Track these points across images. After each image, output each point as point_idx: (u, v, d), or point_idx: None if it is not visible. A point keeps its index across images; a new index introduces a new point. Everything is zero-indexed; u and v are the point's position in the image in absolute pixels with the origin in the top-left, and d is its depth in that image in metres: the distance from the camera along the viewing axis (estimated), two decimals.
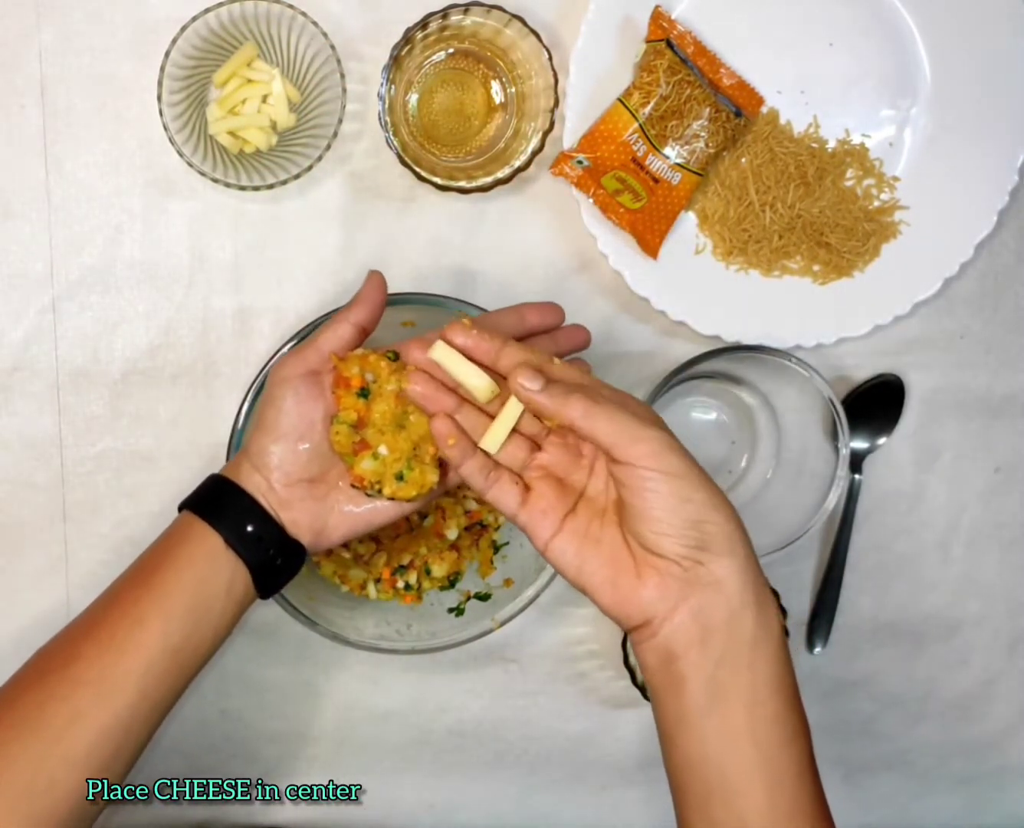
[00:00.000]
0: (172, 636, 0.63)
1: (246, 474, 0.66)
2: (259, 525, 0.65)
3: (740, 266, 0.82)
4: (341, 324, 0.66)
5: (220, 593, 0.64)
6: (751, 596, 0.59)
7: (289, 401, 0.65)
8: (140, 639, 0.63)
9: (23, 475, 0.81)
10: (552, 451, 0.62)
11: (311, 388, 0.65)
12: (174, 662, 0.64)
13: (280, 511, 0.65)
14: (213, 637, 0.65)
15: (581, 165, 0.78)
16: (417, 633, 0.78)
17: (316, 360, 0.65)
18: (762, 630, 0.59)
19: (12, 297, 0.80)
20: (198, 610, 0.64)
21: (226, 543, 0.64)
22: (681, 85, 0.77)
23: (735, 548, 0.59)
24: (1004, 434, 0.89)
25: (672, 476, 0.58)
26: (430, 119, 0.79)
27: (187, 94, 0.76)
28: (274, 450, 0.65)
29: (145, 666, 0.62)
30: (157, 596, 0.64)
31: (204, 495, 0.67)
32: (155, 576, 0.65)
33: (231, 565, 0.64)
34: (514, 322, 0.67)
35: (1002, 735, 0.92)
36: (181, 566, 0.64)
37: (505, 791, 0.89)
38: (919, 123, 0.82)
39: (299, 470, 0.65)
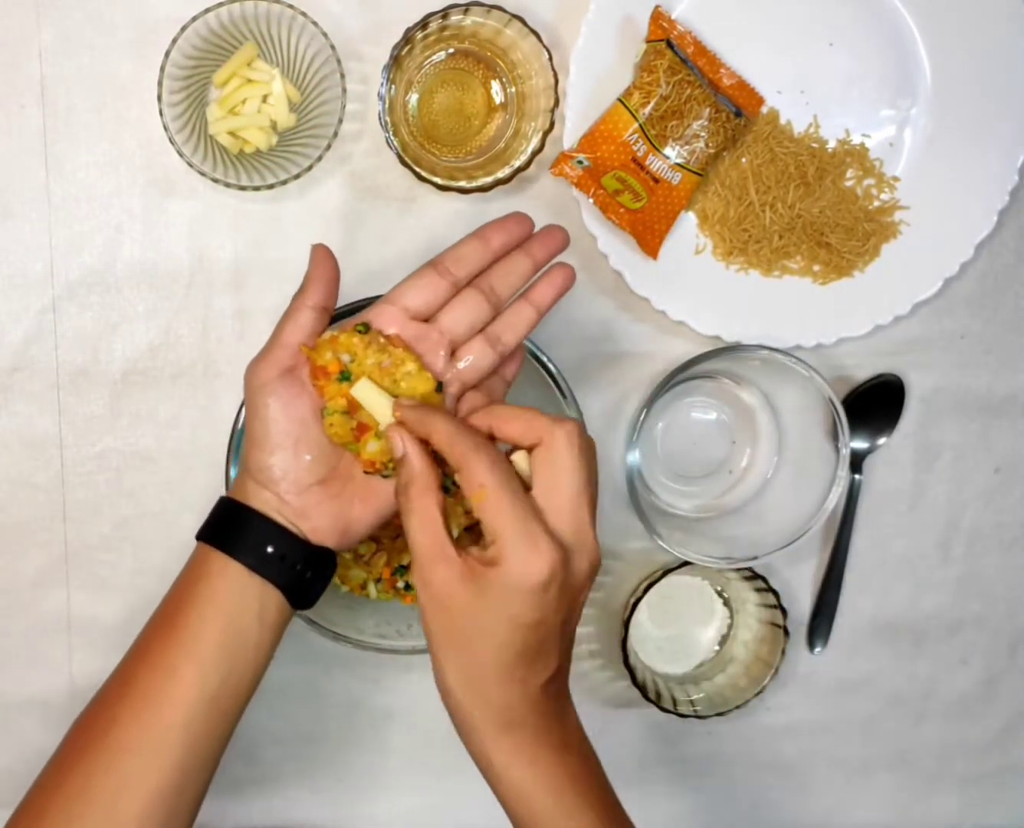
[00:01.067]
0: (209, 682, 0.60)
1: (253, 493, 0.61)
2: (279, 544, 0.61)
3: (740, 266, 0.82)
4: (300, 311, 0.61)
5: (252, 625, 0.61)
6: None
7: (273, 408, 0.60)
8: (175, 692, 0.59)
9: (23, 475, 0.81)
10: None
11: (291, 387, 0.61)
12: (215, 708, 0.60)
13: (299, 521, 0.61)
14: (253, 672, 0.62)
15: (581, 165, 0.78)
16: (418, 633, 0.78)
17: (286, 357, 0.61)
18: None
19: (12, 297, 0.80)
20: (231, 648, 0.61)
21: (249, 570, 0.60)
22: (681, 85, 0.77)
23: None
24: (1004, 434, 0.89)
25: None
26: (430, 119, 0.79)
27: (187, 94, 0.76)
28: (274, 463, 0.61)
29: (185, 719, 0.59)
30: (185, 642, 0.60)
31: (217, 523, 0.63)
32: (180, 621, 0.61)
33: (259, 591, 0.61)
34: (480, 253, 0.63)
35: (1003, 735, 0.92)
36: (205, 605, 0.61)
37: None
38: (919, 123, 0.82)
39: (306, 475, 0.61)
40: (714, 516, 0.87)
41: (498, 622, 0.56)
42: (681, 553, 0.81)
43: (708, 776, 0.90)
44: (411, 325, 0.62)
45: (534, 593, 0.56)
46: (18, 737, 0.84)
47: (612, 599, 0.87)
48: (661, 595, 0.87)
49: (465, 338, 0.63)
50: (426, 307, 0.62)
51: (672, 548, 0.81)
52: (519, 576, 0.55)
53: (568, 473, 0.57)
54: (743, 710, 0.85)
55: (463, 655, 0.58)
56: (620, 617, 0.85)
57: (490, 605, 0.56)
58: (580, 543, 0.58)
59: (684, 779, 0.89)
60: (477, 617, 0.56)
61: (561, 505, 0.57)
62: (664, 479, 0.87)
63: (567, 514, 0.57)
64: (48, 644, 0.83)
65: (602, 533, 0.85)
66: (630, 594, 0.86)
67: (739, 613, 0.89)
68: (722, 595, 0.89)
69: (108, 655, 0.83)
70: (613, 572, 0.87)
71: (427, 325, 0.62)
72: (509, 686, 0.58)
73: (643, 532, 0.81)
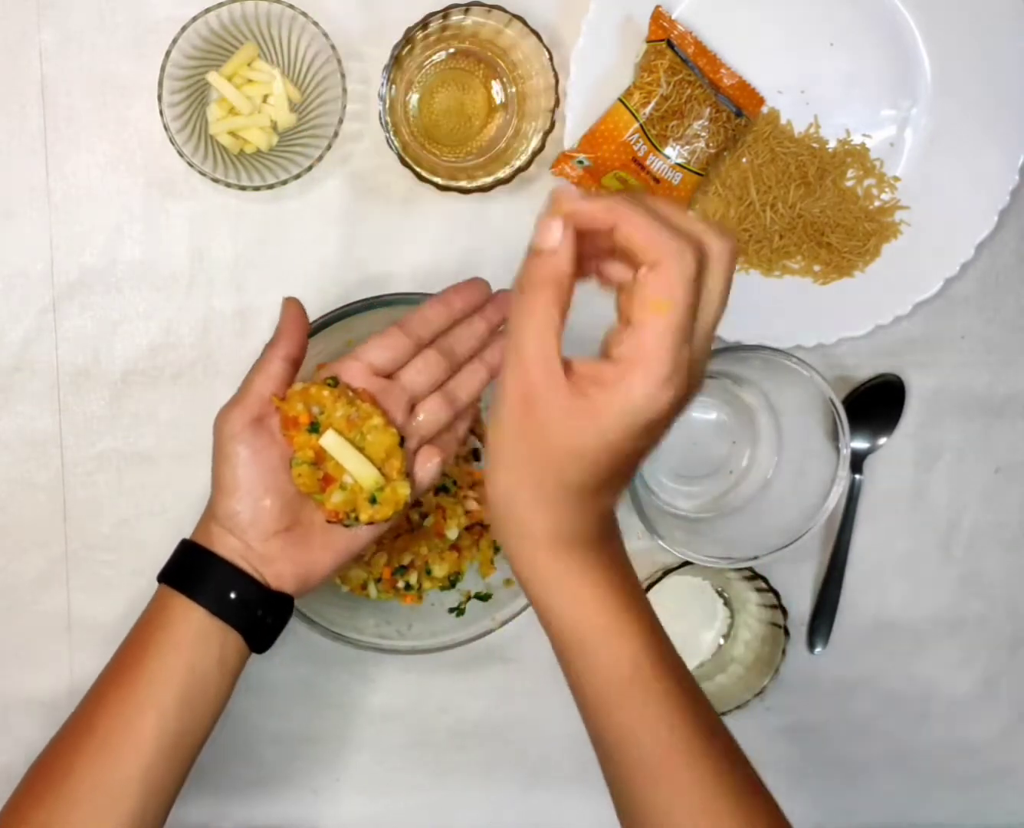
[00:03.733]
0: (168, 731, 0.61)
1: (219, 538, 0.63)
2: (242, 590, 0.62)
3: (741, 266, 0.82)
4: (272, 362, 0.64)
5: (212, 670, 0.62)
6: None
7: (243, 456, 0.62)
8: (134, 742, 0.60)
9: (23, 475, 0.81)
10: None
11: (261, 436, 0.63)
12: (174, 755, 0.61)
13: (262, 568, 0.63)
14: (212, 716, 0.63)
15: (582, 165, 0.78)
16: (418, 633, 0.78)
17: (258, 406, 0.63)
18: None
19: (12, 297, 0.80)
20: (191, 694, 0.61)
21: (211, 615, 0.62)
22: (682, 85, 0.77)
23: None
24: (1005, 434, 0.89)
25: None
26: (431, 119, 0.79)
27: (188, 94, 0.76)
28: (241, 509, 0.62)
29: (144, 769, 0.60)
30: (145, 690, 0.61)
31: (181, 567, 0.64)
32: (141, 668, 0.62)
33: (220, 637, 0.62)
34: (443, 316, 0.66)
35: (1003, 735, 0.92)
36: (167, 652, 0.62)
37: (505, 791, 0.89)
38: (920, 123, 0.82)
39: (273, 523, 0.63)
40: (714, 516, 0.87)
41: (593, 445, 0.50)
42: (682, 553, 0.81)
43: None
44: (375, 380, 0.64)
45: (643, 426, 0.50)
46: (18, 737, 0.84)
47: None
48: (662, 595, 0.87)
49: (424, 394, 0.66)
50: (390, 364, 0.65)
51: (673, 548, 0.81)
52: (640, 407, 0.49)
53: (711, 305, 0.51)
54: (743, 710, 0.85)
55: (542, 472, 0.52)
56: None
57: (590, 427, 0.50)
58: (696, 381, 0.52)
59: None
60: (571, 436, 0.50)
61: (698, 335, 0.51)
62: (665, 479, 0.87)
63: (701, 348, 0.52)
64: (48, 644, 0.83)
65: None
66: None
67: (740, 613, 0.89)
68: (723, 595, 0.89)
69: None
70: None
71: (389, 381, 0.65)
72: (582, 507, 0.54)
73: (644, 532, 0.81)
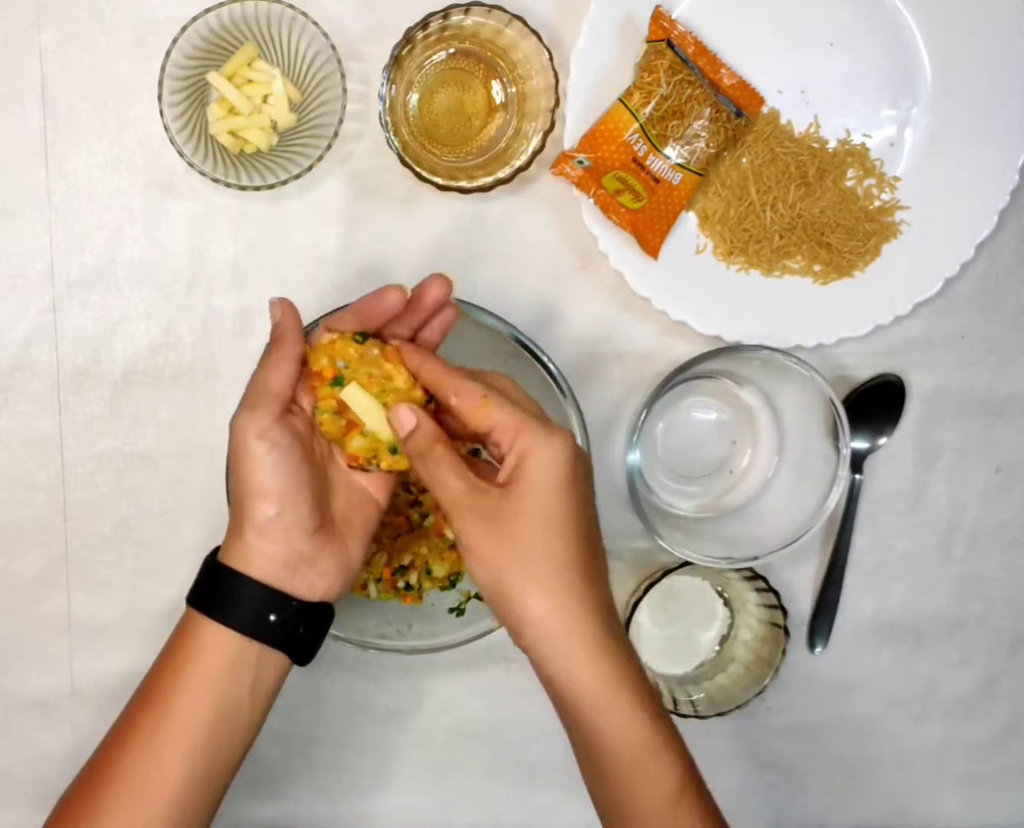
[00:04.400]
0: (197, 767, 0.59)
1: (257, 549, 0.61)
2: (281, 610, 0.61)
3: (741, 266, 0.82)
4: (287, 363, 0.62)
5: (244, 701, 0.61)
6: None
7: (275, 456, 0.60)
8: (161, 779, 0.59)
9: (23, 475, 0.81)
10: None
11: (285, 435, 0.61)
12: (203, 790, 0.60)
13: (308, 570, 0.61)
14: (243, 746, 0.62)
15: (582, 165, 0.78)
16: (418, 633, 0.78)
17: (278, 406, 0.61)
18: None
19: (12, 297, 0.80)
20: (221, 729, 0.60)
21: (248, 638, 0.60)
22: (682, 85, 0.77)
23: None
24: (1005, 434, 0.89)
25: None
26: (431, 119, 0.79)
27: (188, 94, 0.76)
28: (280, 511, 0.60)
29: (171, 806, 0.59)
30: (174, 726, 0.59)
31: (212, 590, 0.62)
32: (168, 702, 0.60)
33: (254, 661, 0.61)
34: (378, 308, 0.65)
35: (1003, 735, 0.92)
36: (196, 686, 0.60)
37: (505, 791, 0.89)
38: (920, 123, 0.82)
39: (312, 519, 0.62)
40: (714, 516, 0.87)
41: (548, 509, 0.58)
42: (681, 553, 0.81)
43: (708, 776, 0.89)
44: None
45: (569, 467, 0.58)
46: (18, 737, 0.84)
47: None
48: (662, 595, 0.87)
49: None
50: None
51: (672, 548, 0.81)
52: (550, 455, 0.58)
53: (520, 397, 0.62)
54: (743, 710, 0.85)
55: (530, 562, 0.57)
56: (621, 617, 0.85)
57: (536, 499, 0.58)
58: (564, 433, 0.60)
59: None
60: (530, 516, 0.58)
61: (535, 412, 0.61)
62: (664, 479, 0.87)
63: (534, 410, 0.61)
64: (48, 644, 0.83)
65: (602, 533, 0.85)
66: (630, 594, 0.86)
67: (740, 613, 0.89)
68: (723, 595, 0.89)
69: (108, 655, 0.83)
70: (613, 572, 0.85)
71: None
72: (582, 585, 0.58)
73: (643, 532, 0.81)
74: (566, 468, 0.58)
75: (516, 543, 0.58)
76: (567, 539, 0.58)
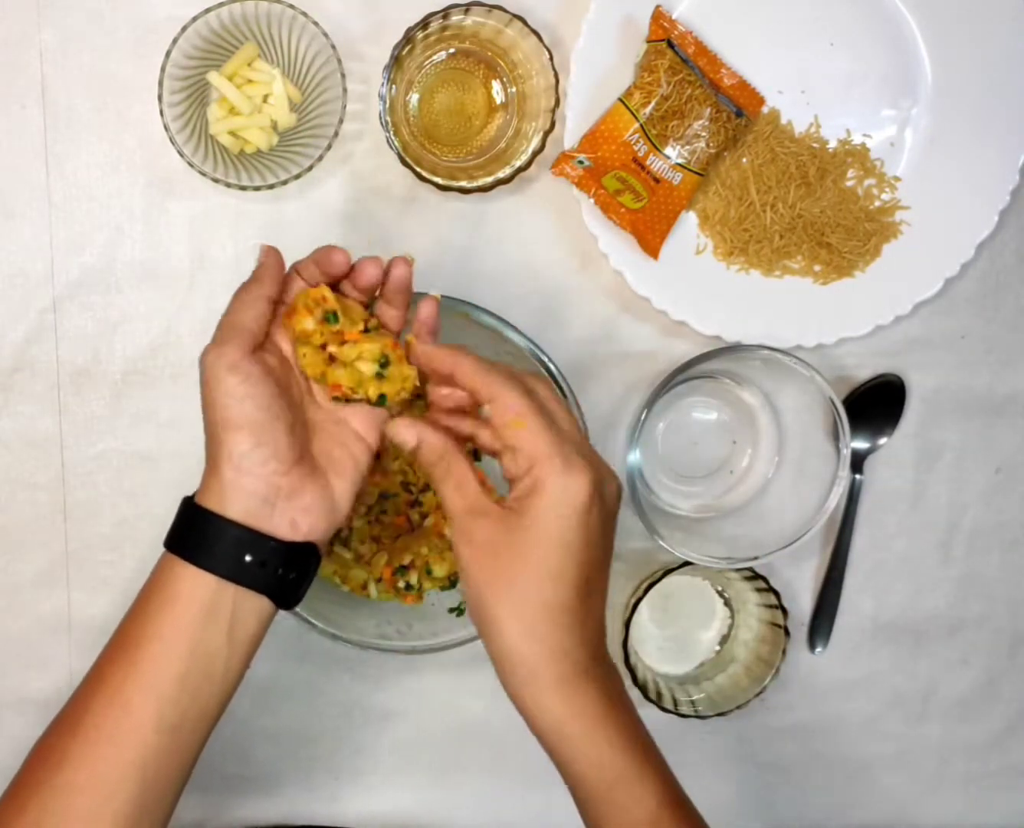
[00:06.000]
0: (167, 715, 0.58)
1: (234, 486, 0.59)
2: (258, 550, 0.59)
3: (741, 266, 0.82)
4: (259, 301, 0.61)
5: (220, 648, 0.59)
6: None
7: (247, 388, 0.59)
8: (130, 727, 0.57)
9: (24, 475, 0.81)
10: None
11: (257, 366, 0.60)
12: (175, 741, 0.58)
13: (291, 502, 0.60)
14: (220, 697, 0.60)
15: (582, 165, 0.78)
16: (418, 633, 0.78)
17: (250, 340, 0.60)
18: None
19: (12, 297, 0.80)
20: (194, 678, 0.59)
21: (225, 581, 0.59)
22: (682, 85, 0.77)
23: None
24: (1005, 434, 0.89)
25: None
26: (431, 119, 0.79)
27: (188, 94, 0.76)
28: (257, 442, 0.59)
29: (141, 756, 0.57)
30: (144, 674, 0.58)
31: (187, 531, 0.61)
32: (139, 650, 0.59)
33: (230, 607, 0.59)
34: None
35: (1003, 735, 0.92)
36: (169, 632, 0.59)
37: (505, 791, 0.89)
38: (920, 123, 0.82)
39: (290, 450, 0.60)
40: (715, 516, 0.87)
41: (549, 552, 0.56)
42: (682, 553, 0.81)
43: (709, 776, 0.90)
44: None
45: (579, 514, 0.56)
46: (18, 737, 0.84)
47: (613, 599, 0.86)
48: (662, 595, 0.87)
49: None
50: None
51: (673, 548, 0.81)
52: (563, 497, 0.56)
53: (560, 412, 0.60)
54: (744, 710, 0.85)
55: (520, 600, 0.57)
56: (621, 617, 0.85)
57: (538, 538, 0.56)
58: (599, 467, 0.59)
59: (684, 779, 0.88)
60: (528, 554, 0.57)
61: (570, 437, 0.59)
62: (665, 479, 0.87)
63: (579, 445, 0.59)
64: (48, 644, 0.83)
65: None
66: (631, 594, 0.86)
67: (740, 613, 0.89)
68: (723, 595, 0.89)
69: None
70: (613, 572, 0.86)
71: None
72: (570, 628, 0.58)
73: (644, 532, 0.81)
74: (576, 516, 0.56)
75: (507, 576, 0.57)
76: (558, 584, 0.57)
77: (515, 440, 0.57)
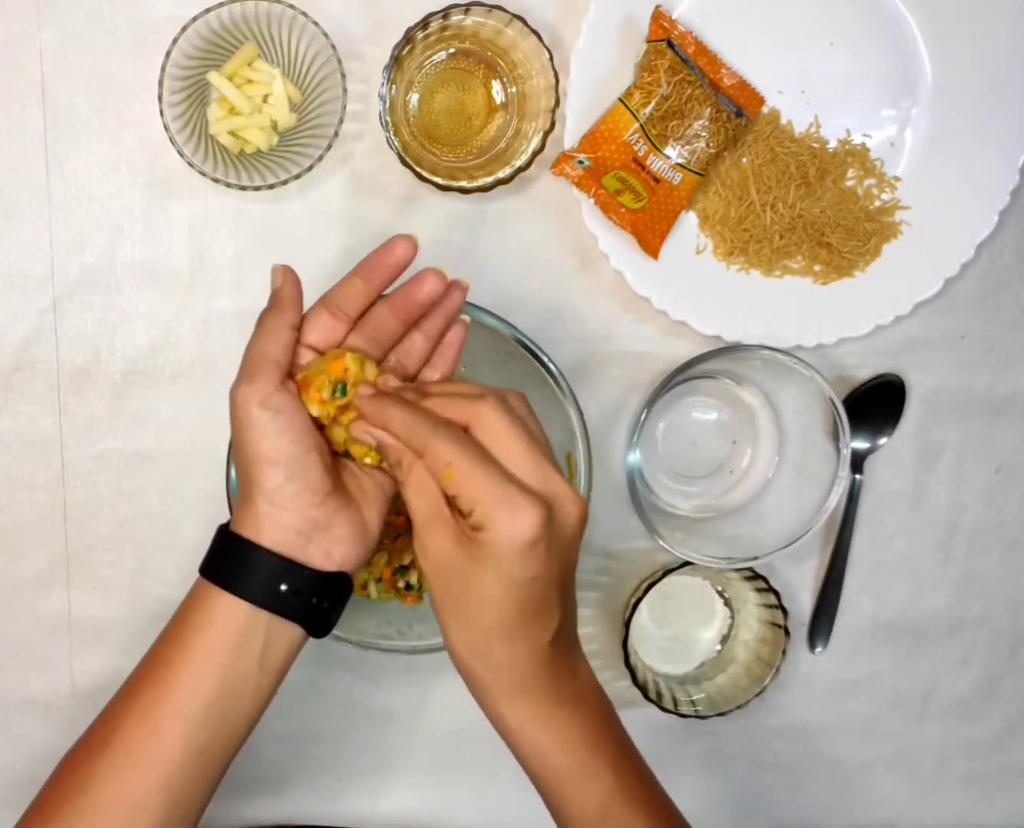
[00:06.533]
0: (197, 739, 0.59)
1: (269, 518, 0.59)
2: (293, 580, 0.59)
3: (741, 266, 0.82)
4: (283, 331, 0.62)
5: (250, 675, 0.60)
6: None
7: (279, 422, 0.59)
8: (159, 751, 0.58)
9: (23, 475, 0.81)
10: None
11: (287, 399, 0.60)
12: (202, 763, 0.59)
13: (322, 536, 0.60)
14: (247, 722, 0.61)
15: (582, 165, 0.78)
16: (418, 633, 0.78)
17: (278, 373, 0.60)
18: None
19: (12, 297, 0.80)
20: (224, 704, 0.59)
21: (260, 609, 0.59)
22: (682, 85, 0.77)
23: None
24: (1005, 434, 0.89)
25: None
26: (431, 119, 0.79)
27: (188, 94, 0.76)
28: (290, 475, 0.59)
29: (168, 779, 0.58)
30: (174, 698, 0.59)
31: (223, 559, 0.61)
32: (171, 673, 0.59)
33: (262, 635, 0.59)
34: (361, 291, 0.65)
35: (1004, 735, 0.92)
36: (201, 659, 0.59)
37: (505, 791, 0.89)
38: (920, 123, 0.82)
39: (323, 482, 0.60)
40: (715, 516, 0.87)
41: (494, 584, 0.57)
42: (682, 553, 0.81)
43: (709, 776, 0.90)
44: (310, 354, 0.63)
45: (523, 552, 0.56)
46: (18, 737, 0.84)
47: (613, 599, 0.87)
48: (662, 595, 0.87)
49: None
50: (322, 345, 0.64)
51: (673, 548, 0.81)
52: (506, 538, 0.55)
53: (508, 441, 0.57)
54: (744, 710, 0.85)
55: (466, 620, 0.59)
56: (621, 617, 0.85)
57: (484, 568, 0.56)
58: (556, 494, 0.57)
59: (684, 779, 0.89)
60: (473, 580, 0.57)
61: (519, 468, 0.57)
62: (665, 479, 0.87)
63: (531, 474, 0.57)
64: (48, 644, 0.83)
65: (603, 533, 0.85)
66: (631, 594, 0.86)
67: (740, 613, 0.89)
68: (723, 595, 0.89)
69: (108, 655, 0.83)
70: (613, 572, 0.87)
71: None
72: (514, 647, 0.59)
73: (644, 532, 0.81)
74: (519, 552, 0.56)
75: (453, 595, 0.58)
76: (500, 612, 0.57)
77: (452, 488, 0.56)
